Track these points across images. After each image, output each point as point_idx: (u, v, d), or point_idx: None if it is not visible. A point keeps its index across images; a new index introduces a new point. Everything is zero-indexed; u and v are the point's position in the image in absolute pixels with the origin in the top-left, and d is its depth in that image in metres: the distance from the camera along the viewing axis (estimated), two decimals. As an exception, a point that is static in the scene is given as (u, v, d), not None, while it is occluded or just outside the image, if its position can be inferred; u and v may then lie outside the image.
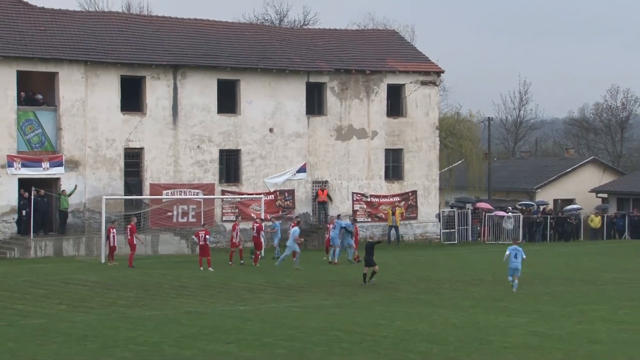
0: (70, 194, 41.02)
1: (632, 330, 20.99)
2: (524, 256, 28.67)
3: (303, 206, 48.12)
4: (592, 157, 74.38)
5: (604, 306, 25.37)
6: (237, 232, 37.03)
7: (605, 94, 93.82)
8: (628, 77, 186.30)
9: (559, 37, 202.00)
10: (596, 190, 65.50)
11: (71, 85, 42.39)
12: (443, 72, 52.91)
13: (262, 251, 38.00)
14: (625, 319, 23.05)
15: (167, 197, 44.34)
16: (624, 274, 35.02)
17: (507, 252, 28.93)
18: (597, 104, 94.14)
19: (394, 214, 48.06)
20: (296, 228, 36.45)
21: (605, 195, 65.14)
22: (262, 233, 37.90)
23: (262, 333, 19.92)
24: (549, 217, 55.54)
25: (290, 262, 34.97)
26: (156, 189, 44.15)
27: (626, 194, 63.64)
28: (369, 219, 48.50)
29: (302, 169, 47.72)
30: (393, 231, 48.06)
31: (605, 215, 57.04)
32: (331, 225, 38.96)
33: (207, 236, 35.38)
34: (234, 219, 41.48)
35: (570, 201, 63.51)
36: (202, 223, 40.29)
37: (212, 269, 34.10)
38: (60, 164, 41.87)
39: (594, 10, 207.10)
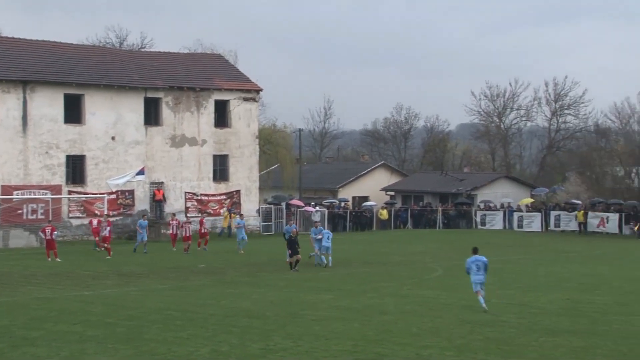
0: None
1: (414, 302, 21.68)
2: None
3: (142, 204, 47.10)
4: (382, 162, 76.54)
5: (392, 283, 26.08)
6: (203, 225, 39.28)
7: (392, 110, 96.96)
8: (409, 97, 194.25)
9: (355, 63, 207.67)
10: (385, 189, 67.69)
11: None
12: (261, 90, 53.15)
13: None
14: (409, 293, 23.79)
15: (17, 197, 42.39)
16: (408, 256, 36.22)
17: (312, 236, 32.04)
18: (386, 118, 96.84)
19: (230, 217, 47.89)
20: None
21: (393, 193, 67.40)
22: (109, 228, 36.52)
23: (104, 314, 19.19)
24: (348, 211, 56.82)
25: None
26: (7, 189, 42.12)
27: (409, 192, 66.15)
28: (200, 214, 47.97)
29: (141, 172, 46.61)
30: (225, 230, 47.69)
31: (393, 209, 58.91)
32: (174, 222, 38.95)
33: (54, 232, 33.88)
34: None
35: (366, 198, 65.28)
36: (49, 220, 38.77)
37: (59, 260, 32.63)
38: None
39: (384, 43, 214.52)
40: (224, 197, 50.24)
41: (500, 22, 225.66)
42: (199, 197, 49.24)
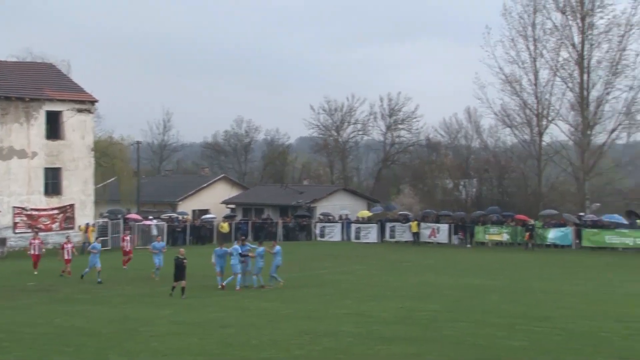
0: None
1: (253, 315, 21.75)
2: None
3: (-35, 219, 44.35)
4: (223, 175, 76.34)
5: (232, 296, 26.05)
6: (127, 242, 37.61)
7: (233, 123, 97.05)
8: (250, 110, 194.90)
9: (195, 75, 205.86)
10: (226, 202, 67.54)
11: None
12: (97, 101, 51.55)
13: None
14: (249, 305, 23.83)
15: None
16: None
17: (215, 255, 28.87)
18: (226, 131, 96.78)
19: (86, 231, 45.98)
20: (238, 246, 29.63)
21: (234, 206, 67.36)
22: None
23: None
24: (188, 224, 56.12)
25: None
26: None
27: (249, 205, 66.33)
28: (29, 230, 45.72)
29: (-37, 186, 43.96)
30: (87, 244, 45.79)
31: (233, 222, 58.79)
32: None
33: None
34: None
35: (206, 211, 64.77)
36: None
37: None
38: None
39: (224, 55, 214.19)
40: (56, 211, 48.22)
41: (338, 38, 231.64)
42: (29, 212, 46.96)
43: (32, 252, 35.10)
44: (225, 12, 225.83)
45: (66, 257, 33.21)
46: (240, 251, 28.75)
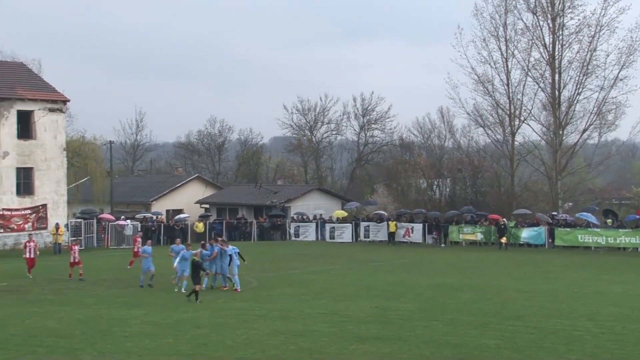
0: None
1: (227, 315, 21.63)
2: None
3: None
4: (196, 175, 75.96)
5: (205, 296, 25.75)
6: (138, 244, 34.87)
7: (206, 123, 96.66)
8: (223, 111, 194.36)
9: (167, 76, 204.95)
10: (200, 202, 67.18)
11: None
12: (69, 100, 51.09)
13: None
14: (223, 306, 23.69)
15: None
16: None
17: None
18: (199, 131, 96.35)
19: (56, 232, 45.73)
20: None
21: (208, 206, 67.03)
22: None
23: None
24: (162, 224, 55.75)
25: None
26: None
27: (223, 204, 66.03)
28: (1, 230, 45.20)
29: None
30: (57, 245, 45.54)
31: (208, 222, 58.50)
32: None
33: None
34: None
35: (180, 211, 64.39)
36: None
37: None
38: None
39: (196, 56, 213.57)
40: (29, 211, 47.71)
41: (309, 38, 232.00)
42: (1, 212, 46.40)
43: (27, 255, 33.05)
44: (199, 12, 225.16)
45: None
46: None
